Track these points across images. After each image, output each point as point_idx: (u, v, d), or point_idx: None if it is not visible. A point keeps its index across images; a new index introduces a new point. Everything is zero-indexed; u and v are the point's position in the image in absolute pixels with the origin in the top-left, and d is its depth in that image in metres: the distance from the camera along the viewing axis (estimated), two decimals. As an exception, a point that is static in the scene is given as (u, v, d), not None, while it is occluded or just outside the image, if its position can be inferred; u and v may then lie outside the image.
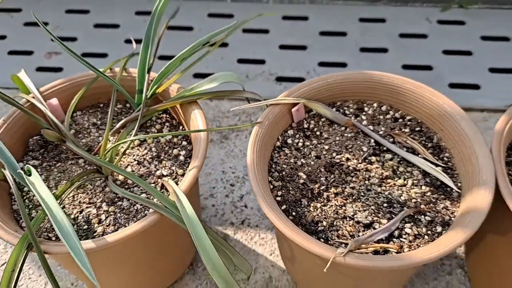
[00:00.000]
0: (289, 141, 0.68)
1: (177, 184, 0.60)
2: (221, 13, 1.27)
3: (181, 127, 0.70)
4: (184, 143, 0.68)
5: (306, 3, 1.29)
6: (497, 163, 0.58)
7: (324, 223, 0.60)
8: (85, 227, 0.59)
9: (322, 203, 0.62)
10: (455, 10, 1.25)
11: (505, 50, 1.15)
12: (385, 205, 0.61)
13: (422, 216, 0.60)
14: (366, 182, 0.64)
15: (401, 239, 0.58)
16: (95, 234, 0.58)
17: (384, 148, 0.67)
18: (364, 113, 0.71)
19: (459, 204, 0.60)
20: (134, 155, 0.67)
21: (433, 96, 0.66)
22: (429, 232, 0.58)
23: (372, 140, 0.67)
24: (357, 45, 1.18)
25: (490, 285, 0.70)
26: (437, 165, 0.65)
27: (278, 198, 0.62)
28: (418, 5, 1.26)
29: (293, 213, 0.61)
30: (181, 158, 0.66)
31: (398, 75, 1.12)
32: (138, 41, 0.76)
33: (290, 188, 0.63)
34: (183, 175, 0.63)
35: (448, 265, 0.83)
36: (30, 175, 0.55)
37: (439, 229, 0.58)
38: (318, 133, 0.69)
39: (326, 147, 0.67)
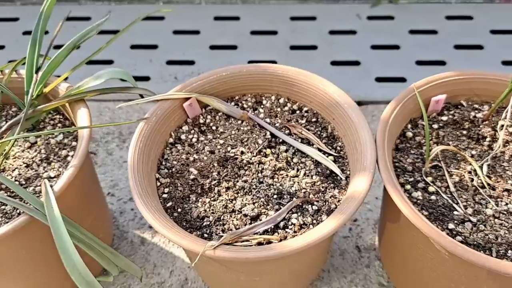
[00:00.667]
0: (183, 137, 0.67)
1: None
2: (152, 16, 1.26)
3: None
4: (74, 143, 0.66)
5: (239, 3, 1.29)
6: (380, 148, 0.58)
7: (211, 218, 0.58)
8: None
9: (212, 198, 0.60)
10: (385, 5, 1.26)
11: (432, 43, 1.16)
12: (275, 196, 0.60)
13: (310, 206, 0.59)
14: (259, 174, 0.63)
15: (286, 229, 0.57)
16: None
17: (280, 140, 0.66)
18: (262, 106, 0.70)
19: (346, 191, 0.60)
20: (23, 158, 0.64)
21: (324, 86, 0.66)
22: (314, 221, 0.57)
23: (268, 133, 0.67)
24: (287, 43, 1.17)
25: (402, 275, 0.70)
26: (329, 155, 0.64)
27: (165, 195, 0.61)
28: (349, 2, 1.27)
29: (179, 210, 0.59)
30: (69, 159, 0.64)
31: (327, 70, 1.14)
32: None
33: (179, 185, 0.62)
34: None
35: (366, 258, 0.82)
36: None
37: (324, 217, 0.57)
38: (214, 128, 0.68)
39: (221, 141, 0.66)
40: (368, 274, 0.80)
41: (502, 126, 0.65)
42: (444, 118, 0.67)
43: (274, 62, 1.14)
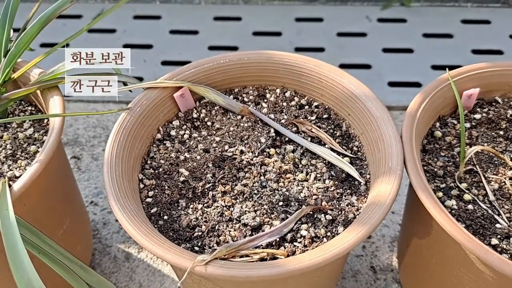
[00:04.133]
0: (173, 132, 0.57)
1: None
2: (148, 14, 1.18)
3: (46, 120, 0.59)
4: (46, 138, 0.56)
5: (241, 3, 1.21)
6: (407, 147, 0.48)
7: (203, 227, 0.48)
8: None
9: (205, 204, 0.51)
10: (396, 8, 1.18)
11: (447, 47, 1.08)
12: (280, 203, 0.50)
13: (323, 215, 0.49)
14: (262, 178, 0.53)
15: (295, 243, 0.47)
16: None
17: (286, 139, 0.57)
18: (265, 100, 0.61)
19: (366, 199, 0.50)
20: (-15, 155, 0.55)
21: (337, 76, 0.57)
22: (328, 233, 0.47)
23: (272, 130, 0.57)
24: (292, 45, 1.09)
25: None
26: (345, 156, 0.55)
27: (149, 200, 0.51)
28: (358, 4, 1.19)
29: (165, 217, 0.49)
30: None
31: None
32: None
33: (166, 187, 0.52)
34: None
35: (383, 280, 0.72)
36: None
37: (340, 229, 0.47)
38: (209, 123, 0.58)
39: (217, 139, 0.56)
40: (384, 299, 0.70)
41: (546, 126, 0.56)
42: (477, 116, 0.58)
43: (277, 64, 1.05)
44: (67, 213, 0.59)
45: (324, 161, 0.54)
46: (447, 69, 0.55)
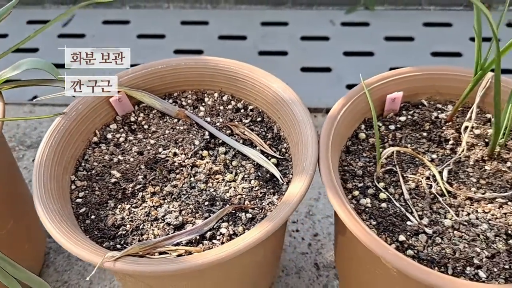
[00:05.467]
0: (110, 136, 0.60)
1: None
2: (117, 20, 1.21)
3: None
4: (-12, 141, 0.59)
5: (209, 8, 1.23)
6: (323, 148, 0.51)
7: (128, 226, 0.51)
8: None
9: (134, 205, 0.53)
10: (360, 12, 1.20)
11: (408, 50, 1.10)
12: (206, 203, 0.53)
13: (244, 214, 0.52)
14: (192, 179, 0.55)
15: (214, 240, 0.49)
16: None
17: (220, 141, 0.59)
18: (203, 103, 0.63)
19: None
20: None
21: (268, 81, 0.59)
22: (246, 231, 0.50)
23: (207, 133, 0.60)
24: (256, 49, 1.12)
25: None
26: (273, 157, 0.57)
27: (79, 200, 0.53)
28: (323, 8, 1.22)
29: (92, 217, 0.52)
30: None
31: (296, 77, 1.08)
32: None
33: (97, 188, 0.54)
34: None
35: (325, 276, 0.74)
36: None
37: (257, 227, 0.50)
38: (146, 126, 0.61)
39: (152, 141, 0.59)
40: (325, 295, 0.72)
41: (467, 127, 0.58)
42: (402, 118, 0.60)
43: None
44: (11, 213, 0.61)
45: (253, 162, 0.57)
46: (360, 75, 0.58)
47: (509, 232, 0.49)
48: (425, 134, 0.59)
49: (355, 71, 1.09)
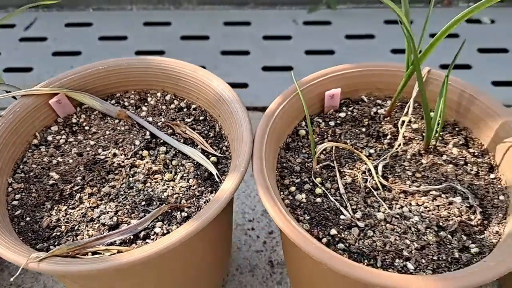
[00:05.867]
0: (50, 138, 0.59)
1: None
2: (80, 22, 1.20)
3: None
4: None
5: (172, 9, 1.23)
6: (257, 145, 0.51)
7: (63, 227, 0.51)
8: None
9: (71, 206, 0.53)
10: (323, 11, 1.21)
11: (368, 47, 1.11)
12: (143, 203, 0.53)
13: (179, 213, 0.52)
14: (130, 179, 0.55)
15: (148, 240, 0.50)
16: None
17: (161, 141, 0.59)
18: (146, 103, 0.64)
19: (220, 195, 0.52)
20: None
21: (209, 80, 0.59)
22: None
23: (148, 133, 0.60)
24: (219, 49, 1.12)
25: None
26: (214, 156, 0.57)
27: (15, 202, 0.53)
28: (286, 7, 1.23)
29: (27, 218, 0.52)
30: None
31: (258, 76, 1.08)
32: None
33: (34, 190, 0.54)
34: None
35: (279, 273, 0.74)
36: None
37: (192, 225, 0.50)
38: (87, 128, 0.61)
39: (92, 142, 0.59)
40: (279, 292, 0.73)
41: (404, 122, 0.59)
42: (342, 114, 0.61)
43: (203, 67, 1.07)
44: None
45: (193, 161, 0.57)
46: (291, 72, 0.58)
47: (440, 224, 0.50)
48: (364, 129, 0.60)
49: (315, 69, 1.08)
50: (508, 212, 0.50)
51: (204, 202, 0.53)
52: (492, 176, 0.55)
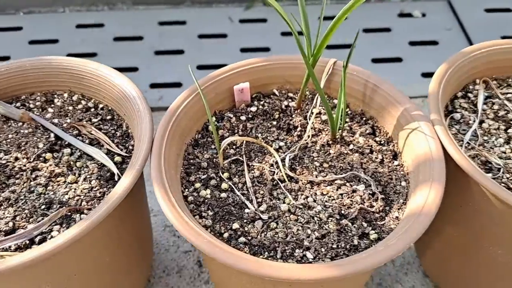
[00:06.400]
0: None
1: None
2: (9, 26, 1.15)
3: None
4: None
5: (105, 10, 1.21)
6: (156, 143, 0.50)
7: (-46, 237, 0.48)
8: None
9: (-34, 214, 0.50)
10: (259, 8, 1.22)
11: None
12: (43, 207, 0.51)
13: (79, 215, 0.50)
14: (31, 183, 0.53)
15: (44, 244, 0.48)
16: None
17: (66, 143, 0.57)
18: (52, 105, 0.61)
19: (122, 195, 0.51)
20: None
21: (112, 77, 0.58)
22: (78, 232, 0.48)
23: (52, 135, 0.58)
24: (153, 49, 1.10)
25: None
26: (119, 155, 0.56)
27: None
28: (223, 5, 1.22)
29: None
30: None
31: (193, 75, 1.07)
32: None
33: None
34: None
35: (206, 273, 0.73)
36: None
37: (90, 227, 0.48)
38: (-12, 132, 0.58)
39: (-7, 147, 0.56)
40: None
41: (313, 114, 0.59)
42: (253, 109, 0.61)
43: (136, 68, 1.06)
44: None
45: (98, 162, 0.55)
46: (189, 67, 0.58)
47: (343, 212, 0.51)
48: (275, 122, 0.60)
49: (252, 66, 1.10)
50: (408, 197, 0.51)
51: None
52: (396, 163, 0.55)
